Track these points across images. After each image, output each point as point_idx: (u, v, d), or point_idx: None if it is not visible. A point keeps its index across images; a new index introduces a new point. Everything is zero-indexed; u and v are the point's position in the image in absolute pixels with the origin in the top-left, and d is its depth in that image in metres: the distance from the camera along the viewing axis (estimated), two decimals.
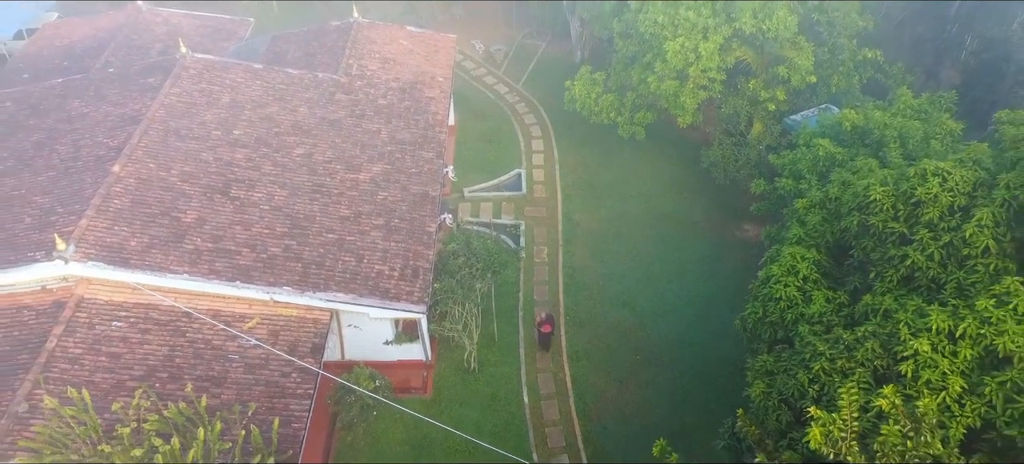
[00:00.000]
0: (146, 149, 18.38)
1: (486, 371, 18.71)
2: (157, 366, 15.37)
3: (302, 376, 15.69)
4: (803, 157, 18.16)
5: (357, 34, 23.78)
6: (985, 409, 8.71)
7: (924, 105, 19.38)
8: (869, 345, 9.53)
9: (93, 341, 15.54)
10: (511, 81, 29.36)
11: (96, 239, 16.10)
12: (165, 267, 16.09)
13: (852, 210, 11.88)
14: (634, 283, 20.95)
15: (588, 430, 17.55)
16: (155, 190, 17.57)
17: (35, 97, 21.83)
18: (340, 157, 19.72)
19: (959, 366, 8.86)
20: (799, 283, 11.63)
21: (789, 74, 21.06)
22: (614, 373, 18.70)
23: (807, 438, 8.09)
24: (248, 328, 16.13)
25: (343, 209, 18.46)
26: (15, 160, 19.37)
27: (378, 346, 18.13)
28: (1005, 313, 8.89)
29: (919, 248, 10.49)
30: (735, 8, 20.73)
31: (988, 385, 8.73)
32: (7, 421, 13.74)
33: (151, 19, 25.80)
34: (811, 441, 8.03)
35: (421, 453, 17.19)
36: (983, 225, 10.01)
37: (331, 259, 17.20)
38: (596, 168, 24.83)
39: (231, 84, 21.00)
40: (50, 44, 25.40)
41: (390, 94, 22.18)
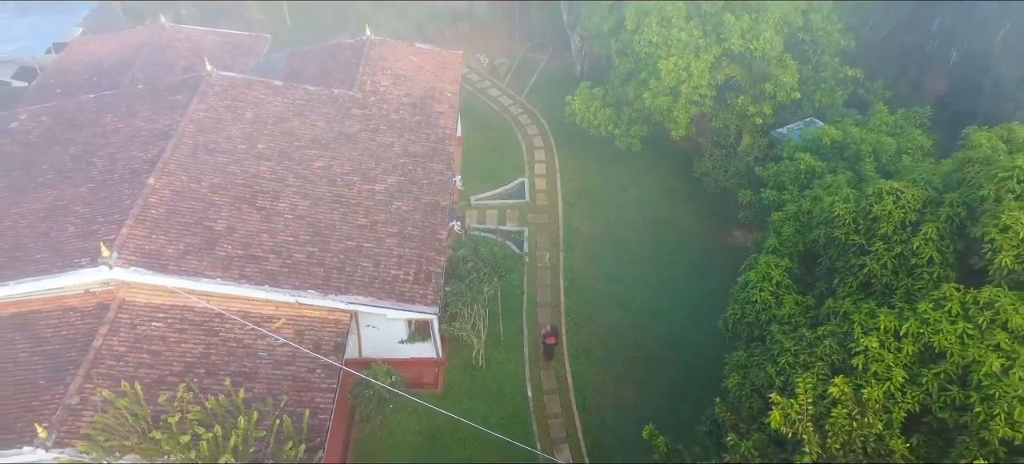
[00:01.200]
0: (178, 162, 19.94)
1: (493, 368, 20.29)
2: (194, 363, 16.94)
3: (326, 372, 17.26)
4: (786, 169, 19.73)
5: (370, 51, 25.36)
6: (923, 396, 10.29)
7: (900, 120, 20.97)
8: (827, 342, 11.12)
9: (135, 340, 17.12)
10: (514, 93, 30.96)
11: (136, 246, 17.66)
12: (200, 272, 17.65)
13: (820, 223, 13.49)
14: (630, 286, 22.53)
15: (587, 422, 19.14)
16: (188, 201, 19.14)
17: (70, 112, 23.42)
18: (357, 169, 21.31)
19: (902, 360, 10.45)
20: (772, 288, 13.22)
21: (775, 90, 22.65)
22: (612, 370, 20.28)
23: (769, 420, 9.67)
24: (275, 328, 17.74)
25: (361, 218, 20.05)
26: (55, 172, 20.96)
27: (393, 345, 19.70)
28: (941, 315, 10.48)
29: (875, 258, 12.08)
30: (724, 29, 22.29)
31: (925, 376, 10.31)
32: (62, 412, 15.31)
33: (174, 36, 27.39)
34: (771, 422, 9.60)
35: (433, 443, 18.77)
36: (928, 238, 11.61)
37: (351, 264, 18.78)
38: (595, 177, 26.42)
39: (254, 100, 22.58)
40: (79, 59, 26.98)
41: (402, 109, 23.76)
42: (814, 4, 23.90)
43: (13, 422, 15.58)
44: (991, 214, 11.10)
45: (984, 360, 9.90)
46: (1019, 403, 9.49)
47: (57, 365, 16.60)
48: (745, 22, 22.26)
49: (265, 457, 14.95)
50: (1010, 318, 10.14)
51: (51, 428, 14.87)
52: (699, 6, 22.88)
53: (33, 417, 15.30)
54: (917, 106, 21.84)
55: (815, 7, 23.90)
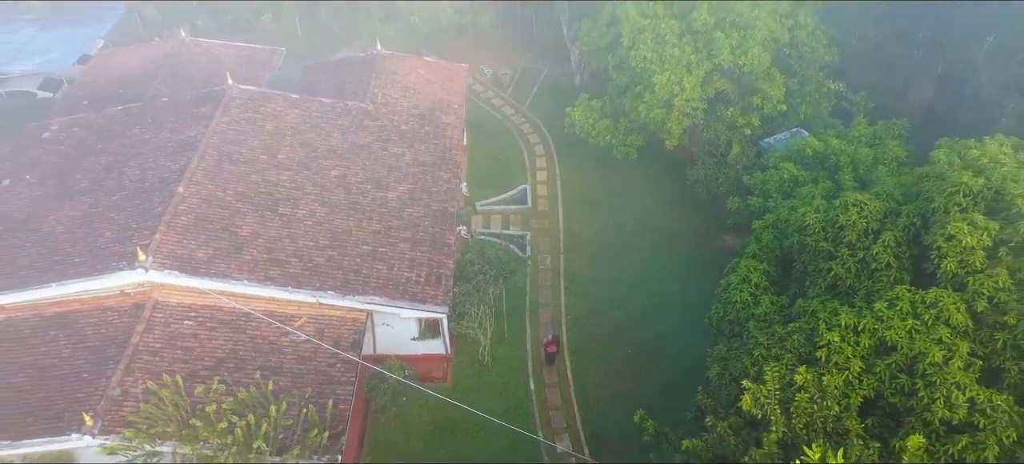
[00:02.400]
0: (204, 172, 21.54)
1: (498, 363, 21.90)
2: (224, 358, 18.54)
3: (345, 366, 18.87)
4: (771, 178, 21.35)
5: (380, 65, 26.97)
6: (877, 384, 11.89)
7: (878, 132, 22.59)
8: (796, 337, 12.72)
9: (169, 337, 18.74)
10: (516, 103, 32.60)
11: (169, 251, 19.26)
12: (228, 274, 19.24)
13: (794, 231, 15.11)
14: (627, 287, 24.14)
15: (586, 413, 20.76)
16: (215, 208, 20.74)
17: (99, 123, 25.02)
18: (370, 178, 22.91)
19: (859, 352, 12.04)
20: (751, 289, 14.82)
21: (762, 103, 24.29)
22: (609, 365, 21.89)
23: (741, 403, 11.24)
24: (298, 326, 19.35)
25: (375, 224, 21.65)
26: (89, 181, 22.58)
27: (405, 342, 21.30)
28: (893, 313, 12.08)
29: (840, 263, 13.70)
30: (715, 46, 23.91)
31: (879, 366, 11.92)
32: (105, 403, 16.92)
33: (194, 49, 29.00)
34: (743, 405, 11.17)
35: (443, 433, 20.38)
36: (887, 245, 13.22)
37: (367, 267, 20.38)
38: (593, 184, 28.04)
39: (272, 113, 24.19)
40: (103, 72, 28.58)
41: (412, 120, 25.38)
42: (800, 21, 25.50)
43: (61, 412, 17.19)
44: (940, 224, 12.73)
45: (928, 352, 11.52)
46: (956, 388, 11.10)
47: (98, 360, 18.22)
48: (734, 39, 23.88)
49: (292, 443, 16.54)
50: (951, 316, 11.76)
51: (97, 417, 16.46)
52: (690, 24, 24.50)
53: (79, 407, 16.91)
54: (901, 115, 23.35)
55: (801, 23, 25.51)
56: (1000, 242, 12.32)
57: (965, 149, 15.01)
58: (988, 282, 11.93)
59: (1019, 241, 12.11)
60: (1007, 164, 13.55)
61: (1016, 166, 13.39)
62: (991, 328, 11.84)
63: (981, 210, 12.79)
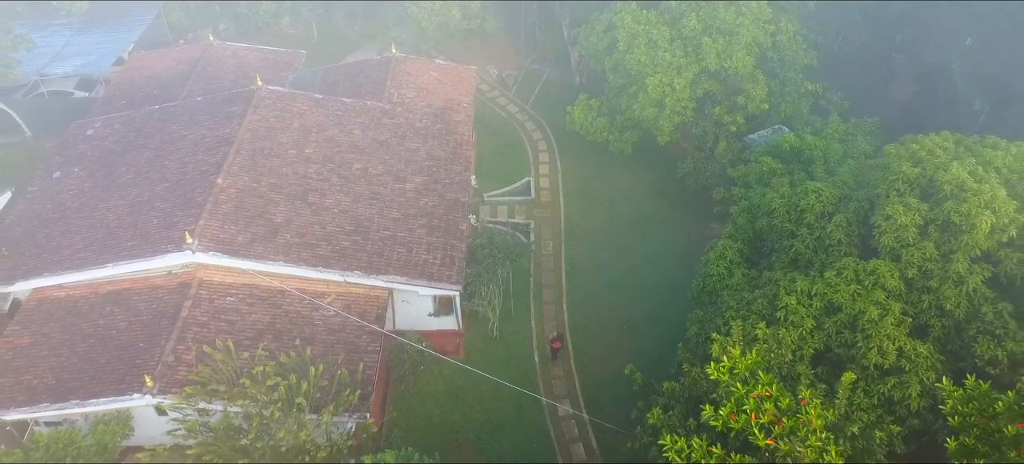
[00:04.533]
0: (240, 165, 24.07)
1: (505, 338, 24.48)
2: (263, 330, 21.12)
3: (371, 338, 21.43)
4: (752, 171, 23.93)
5: (395, 67, 29.52)
6: (825, 338, 14.46)
7: (850, 129, 25.18)
8: (760, 301, 15.28)
9: (214, 312, 21.31)
10: (520, 102, 35.18)
11: (212, 235, 21.80)
12: (265, 256, 21.78)
13: (763, 214, 17.67)
14: (622, 270, 26.71)
15: (584, 382, 23.36)
16: (250, 198, 23.29)
17: (138, 121, 27.56)
18: (389, 171, 25.46)
19: (812, 312, 14.60)
20: (726, 264, 17.39)
21: (747, 102, 26.86)
22: (605, 340, 24.44)
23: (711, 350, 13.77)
24: (328, 302, 21.92)
25: (394, 212, 24.20)
26: (133, 173, 25.14)
27: (423, 318, 23.86)
28: (840, 280, 14.64)
29: (800, 240, 16.26)
30: (703, 50, 26.48)
31: (827, 324, 14.49)
32: (161, 368, 19.49)
33: (222, 52, 31.55)
34: (712, 351, 13.69)
35: (456, 399, 22.96)
36: (838, 225, 15.80)
37: (388, 251, 22.93)
38: (592, 177, 30.62)
39: (299, 111, 26.72)
40: (139, 73, 31.12)
41: (425, 118, 27.93)
42: (782, 27, 28.06)
43: (122, 375, 19.79)
44: (881, 206, 15.30)
45: (867, 311, 14.09)
46: (887, 339, 13.68)
47: (152, 332, 20.81)
48: (720, 44, 26.45)
49: (328, 401, 19.11)
50: (887, 281, 14.34)
51: (156, 379, 19.03)
52: (681, 30, 27.07)
53: (138, 371, 19.49)
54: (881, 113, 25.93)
55: (782, 29, 28.08)
56: (929, 221, 14.89)
57: (910, 143, 17.56)
58: (917, 254, 14.51)
59: (944, 220, 14.68)
60: (941, 157, 16.06)
61: (948, 158, 15.90)
62: (919, 291, 14.42)
63: (915, 195, 15.36)
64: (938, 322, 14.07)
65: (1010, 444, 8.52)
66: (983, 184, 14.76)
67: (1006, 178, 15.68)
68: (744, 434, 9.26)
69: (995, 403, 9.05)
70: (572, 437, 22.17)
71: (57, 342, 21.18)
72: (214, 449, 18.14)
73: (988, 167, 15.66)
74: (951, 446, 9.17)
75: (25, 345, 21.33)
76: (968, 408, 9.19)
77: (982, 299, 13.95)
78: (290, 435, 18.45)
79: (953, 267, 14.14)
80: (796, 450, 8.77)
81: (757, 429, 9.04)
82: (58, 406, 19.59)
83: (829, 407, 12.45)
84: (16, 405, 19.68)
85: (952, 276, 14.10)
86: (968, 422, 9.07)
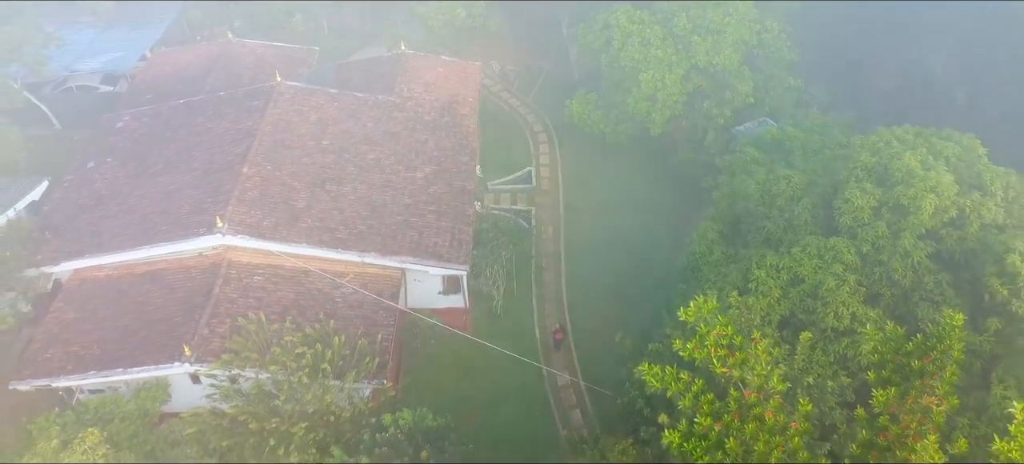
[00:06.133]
0: (263, 155, 26.21)
1: (508, 315, 26.72)
2: (289, 306, 23.34)
3: (386, 313, 23.69)
4: (738, 160, 26.07)
5: (405, 63, 31.65)
6: (791, 305, 16.69)
7: (827, 122, 27.34)
8: (734, 274, 17.49)
9: (243, 289, 23.53)
10: (522, 96, 37.35)
11: (240, 220, 23.97)
12: (289, 239, 23.98)
13: (741, 199, 19.87)
14: (617, 253, 28.90)
15: (581, 354, 25.64)
16: (274, 185, 25.46)
17: (165, 115, 29.70)
18: (400, 161, 27.62)
19: (779, 284, 16.82)
20: (708, 243, 19.61)
21: (733, 96, 29.03)
22: (600, 316, 26.63)
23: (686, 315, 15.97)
24: (346, 281, 24.14)
25: (406, 199, 26.36)
26: (164, 163, 27.31)
27: (432, 296, 26.07)
28: (804, 255, 16.86)
29: (772, 221, 18.48)
30: (692, 48, 28.65)
31: (792, 293, 16.72)
32: (197, 339, 21.69)
33: (240, 49, 33.67)
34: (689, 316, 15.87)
35: (464, 372, 25.19)
36: (805, 207, 18.01)
37: (401, 234, 25.11)
38: (589, 167, 32.81)
39: (315, 105, 28.86)
40: (162, 70, 33.25)
41: (433, 111, 30.09)
42: (766, 25, 30.22)
43: (162, 346, 22.03)
44: (841, 191, 17.52)
45: (826, 281, 16.33)
46: (842, 306, 15.91)
47: (187, 307, 23.02)
48: (709, 42, 28.63)
49: (349, 368, 21.35)
50: (844, 255, 16.58)
51: (193, 349, 21.25)
52: (672, 29, 29.24)
53: (176, 343, 21.71)
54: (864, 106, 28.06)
55: (767, 27, 30.24)
56: (882, 203, 17.12)
57: (873, 135, 19.74)
58: (871, 232, 16.75)
59: (895, 202, 16.90)
60: (896, 147, 18.23)
61: (902, 149, 18.07)
62: (872, 264, 16.67)
63: (872, 181, 17.59)
64: (887, 291, 16.30)
65: (916, 374, 10.71)
66: (930, 171, 16.98)
67: (954, 166, 17.90)
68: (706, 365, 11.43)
69: (906, 344, 11.25)
70: (570, 404, 24.47)
71: (100, 317, 23.41)
72: (249, 410, 20.41)
73: (938, 156, 17.86)
74: (871, 377, 11.37)
75: (71, 320, 23.59)
76: (886, 348, 11.39)
77: (925, 271, 16.19)
78: (316, 399, 20.72)
79: (901, 243, 16.36)
80: (745, 376, 10.95)
81: (715, 360, 11.22)
82: (104, 374, 21.88)
83: (790, 361, 14.71)
84: (66, 373, 21.96)
85: (900, 251, 16.33)
86: (885, 359, 11.27)
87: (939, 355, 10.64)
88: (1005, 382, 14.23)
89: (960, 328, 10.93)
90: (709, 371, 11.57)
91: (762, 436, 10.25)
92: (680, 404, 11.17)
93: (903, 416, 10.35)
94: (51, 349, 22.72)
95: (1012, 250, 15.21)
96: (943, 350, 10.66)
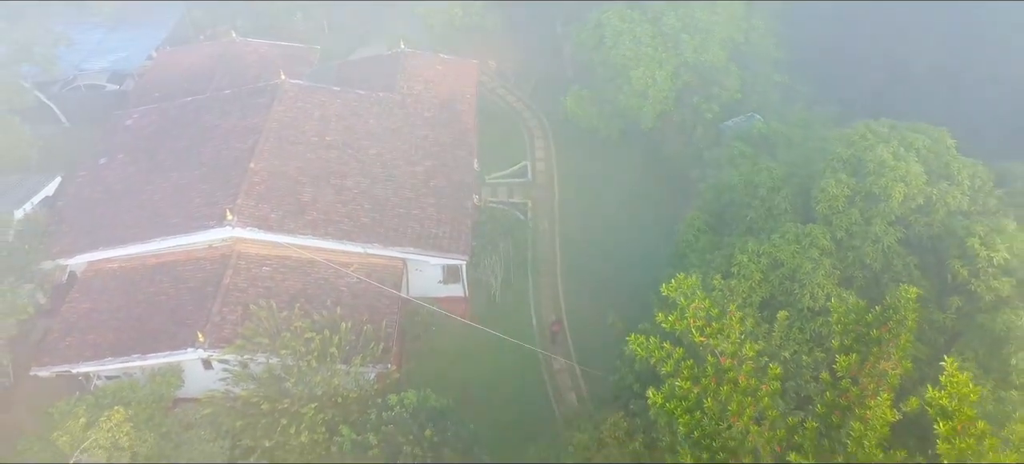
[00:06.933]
0: (269, 151, 27.37)
1: (506, 303, 27.96)
2: (296, 295, 24.52)
3: (389, 301, 24.91)
4: (725, 154, 27.38)
5: (405, 61, 32.83)
6: (771, 288, 17.97)
7: (812, 117, 28.63)
8: (718, 259, 18.76)
9: (252, 279, 24.71)
10: (518, 92, 38.55)
11: (249, 213, 25.13)
12: (295, 231, 25.15)
13: (725, 189, 21.14)
14: (610, 244, 30.13)
15: (576, 339, 26.90)
16: (280, 180, 26.62)
17: (173, 112, 30.83)
18: (402, 156, 28.81)
19: (760, 267, 18.10)
20: (694, 232, 20.89)
21: (721, 93, 30.29)
22: (594, 303, 27.82)
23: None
24: (351, 271, 25.34)
25: (407, 192, 27.56)
26: (173, 159, 28.44)
27: (433, 285, 27.29)
28: (783, 241, 18.14)
29: (754, 210, 19.76)
30: (681, 45, 29.91)
31: (772, 277, 18.00)
32: (210, 326, 22.86)
33: (244, 49, 34.79)
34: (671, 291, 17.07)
35: (464, 357, 26.40)
36: (785, 197, 19.30)
37: (403, 226, 26.31)
38: (583, 160, 34.02)
39: (319, 102, 30.02)
40: (169, 69, 34.35)
41: (432, 108, 31.28)
42: (753, 24, 31.51)
43: (175, 333, 23.21)
44: (818, 181, 18.80)
45: (803, 265, 17.62)
46: (818, 287, 17.20)
47: (199, 297, 24.19)
48: (697, 40, 29.91)
49: (355, 353, 22.56)
50: (820, 241, 17.88)
51: (207, 335, 22.43)
52: (661, 28, 30.50)
53: (190, 330, 22.88)
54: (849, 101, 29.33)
55: (754, 26, 31.52)
56: (855, 192, 18.42)
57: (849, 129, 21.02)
58: (845, 219, 18.05)
59: (867, 191, 18.20)
60: (870, 140, 19.51)
61: (875, 141, 19.35)
62: (846, 249, 17.98)
63: (846, 171, 18.89)
64: (860, 273, 17.61)
65: (874, 342, 11.97)
66: (901, 162, 18.27)
67: (924, 157, 19.19)
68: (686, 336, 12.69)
69: (867, 315, 12.53)
70: (566, 387, 25.74)
71: (115, 307, 24.58)
72: (261, 393, 21.63)
73: (909, 148, 19.15)
74: (835, 344, 12.66)
75: (87, 310, 24.75)
76: (849, 319, 12.66)
77: (894, 254, 17.49)
78: (325, 382, 21.97)
79: (873, 229, 17.67)
80: (720, 344, 12.18)
81: (694, 330, 12.47)
82: (121, 360, 23.06)
83: (769, 338, 15.99)
84: (84, 359, 23.15)
85: (871, 236, 17.63)
86: (848, 329, 12.54)
87: (895, 324, 11.93)
88: (964, 354, 15.56)
89: (913, 300, 12.22)
90: (690, 343, 12.82)
91: (735, 397, 11.52)
92: (663, 370, 12.41)
93: (862, 379, 11.63)
94: (69, 337, 23.87)
95: (973, 234, 16.52)
96: (898, 320, 11.95)
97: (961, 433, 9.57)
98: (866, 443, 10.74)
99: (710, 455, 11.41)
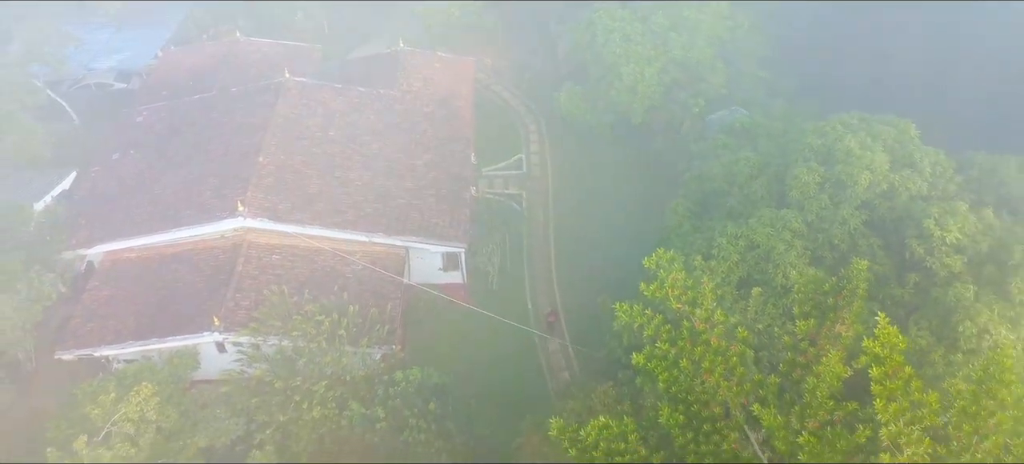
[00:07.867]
0: (276, 146, 28.98)
1: (503, 289, 29.67)
2: (305, 281, 26.18)
3: (392, 287, 26.60)
4: (710, 146, 29.14)
5: (403, 60, 34.46)
6: (748, 268, 19.74)
7: (793, 112, 30.43)
8: (699, 242, 20.52)
9: (262, 267, 26.36)
10: (513, 89, 40.25)
11: (258, 204, 26.75)
12: (303, 221, 26.81)
13: (707, 179, 22.91)
14: (602, 233, 31.86)
15: (569, 324, 28.64)
16: (288, 173, 28.25)
17: (181, 109, 32.43)
18: (403, 150, 30.49)
19: (737, 249, 19.86)
20: (679, 218, 22.67)
21: (707, 88, 32.06)
22: (586, 291, 29.52)
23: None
24: (357, 258, 27.00)
25: (408, 184, 29.23)
26: (183, 155, 30.05)
27: (433, 272, 28.98)
28: (759, 225, 19.92)
29: (733, 197, 21.53)
30: (669, 43, 31.65)
31: (749, 258, 19.77)
32: (224, 311, 24.50)
33: (247, 48, 36.37)
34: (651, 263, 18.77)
35: (464, 340, 28.09)
36: (760, 185, 21.08)
37: (404, 215, 27.99)
38: (575, 154, 35.74)
39: (322, 100, 31.65)
40: (174, 68, 35.90)
41: (431, 104, 32.95)
42: (738, 22, 33.29)
43: (192, 318, 24.87)
44: (791, 169, 20.58)
45: (776, 246, 19.39)
46: (789, 266, 18.98)
47: (213, 284, 25.83)
48: (684, 38, 31.67)
49: (362, 335, 24.23)
50: (792, 224, 19.69)
51: (222, 319, 24.05)
52: (650, 26, 32.23)
53: (205, 315, 24.50)
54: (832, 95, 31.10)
55: (739, 24, 33.31)
56: (825, 179, 20.22)
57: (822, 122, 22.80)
58: (816, 204, 19.85)
59: (836, 178, 19.99)
60: (840, 131, 21.29)
61: (845, 132, 21.14)
62: (816, 231, 19.78)
63: (817, 160, 20.68)
64: (829, 253, 19.41)
65: (830, 308, 13.74)
66: (867, 151, 20.07)
67: (890, 147, 21.00)
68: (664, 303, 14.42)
69: (824, 285, 14.29)
70: (559, 367, 27.50)
71: (133, 294, 26.22)
72: (274, 372, 23.31)
73: (876, 138, 20.96)
74: (796, 311, 14.43)
75: (106, 297, 26.39)
76: (808, 288, 14.42)
77: (860, 236, 19.29)
78: (334, 362, 23.67)
79: (840, 213, 19.47)
80: (694, 310, 13.91)
81: (672, 297, 14.21)
82: (141, 343, 24.72)
83: (745, 312, 17.75)
84: (106, 343, 24.81)
85: (839, 219, 19.43)
86: (808, 298, 14.30)
87: (849, 293, 13.67)
88: (920, 324, 17.36)
89: (865, 271, 13.98)
90: (669, 311, 14.55)
91: (708, 356, 13.24)
92: (645, 334, 14.15)
93: (820, 341, 13.36)
94: (90, 323, 25.51)
95: (928, 216, 18.33)
96: (851, 289, 13.70)
97: (891, 376, 11.31)
98: (818, 393, 12.47)
99: (685, 407, 13.14)
